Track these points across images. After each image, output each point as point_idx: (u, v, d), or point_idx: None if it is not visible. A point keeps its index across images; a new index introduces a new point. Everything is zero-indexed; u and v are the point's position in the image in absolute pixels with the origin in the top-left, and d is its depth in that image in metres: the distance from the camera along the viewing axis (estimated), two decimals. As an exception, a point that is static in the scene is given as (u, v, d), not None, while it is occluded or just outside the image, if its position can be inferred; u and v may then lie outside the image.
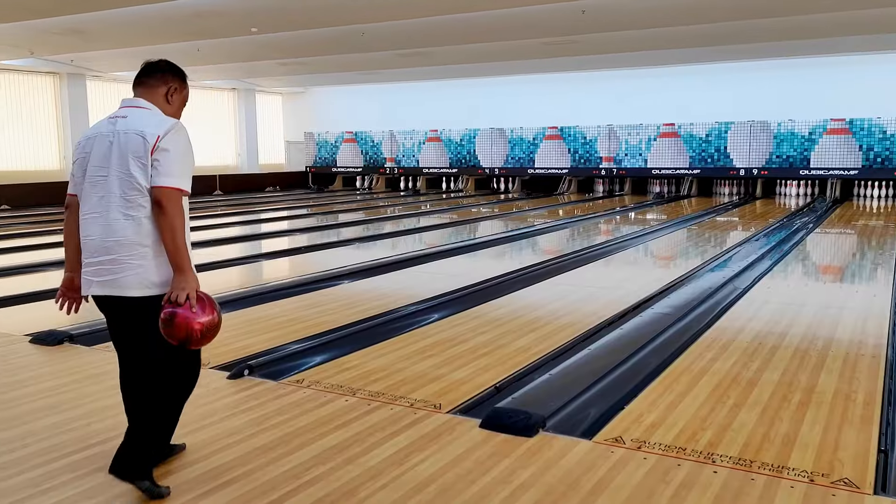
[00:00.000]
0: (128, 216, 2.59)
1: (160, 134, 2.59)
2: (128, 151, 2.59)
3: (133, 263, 2.59)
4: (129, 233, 2.59)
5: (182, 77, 2.83)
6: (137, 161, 2.58)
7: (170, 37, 13.00)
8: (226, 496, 2.61)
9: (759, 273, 7.21)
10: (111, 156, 2.62)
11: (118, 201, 2.59)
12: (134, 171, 2.58)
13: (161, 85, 2.77)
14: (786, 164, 16.74)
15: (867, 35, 12.91)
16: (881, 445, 3.08)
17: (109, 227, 2.60)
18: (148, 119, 2.65)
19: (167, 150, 2.58)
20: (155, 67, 2.77)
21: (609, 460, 2.90)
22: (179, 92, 2.81)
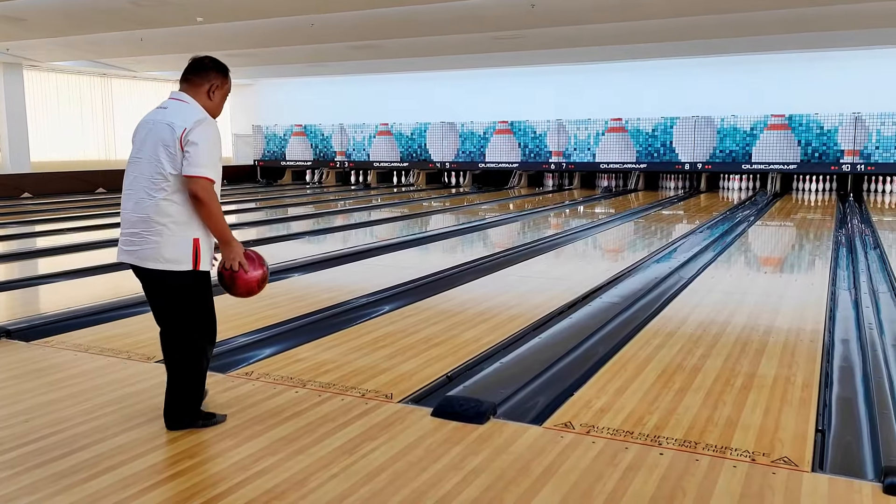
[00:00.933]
0: (151, 196, 2.92)
1: (187, 127, 2.87)
2: (158, 139, 2.91)
3: (151, 239, 2.93)
4: (149, 211, 2.92)
5: (224, 73, 3.10)
6: (165, 149, 2.89)
7: (111, 25, 12.63)
8: (173, 488, 2.56)
9: (703, 264, 7.38)
10: (146, 141, 2.95)
11: (146, 182, 2.93)
12: (161, 158, 2.90)
13: (204, 83, 3.03)
14: (729, 159, 17.16)
15: (806, 33, 13.31)
16: (818, 425, 3.19)
17: (137, 204, 2.95)
18: (182, 112, 2.94)
19: (196, 142, 2.87)
20: (200, 65, 3.04)
21: (559, 445, 2.94)
22: (220, 88, 3.08)
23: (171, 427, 3.05)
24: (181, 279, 2.98)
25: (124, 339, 4.47)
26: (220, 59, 3.19)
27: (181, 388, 3.05)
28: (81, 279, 6.78)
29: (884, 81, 15.88)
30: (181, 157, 2.88)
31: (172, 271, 2.95)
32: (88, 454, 2.83)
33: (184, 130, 2.87)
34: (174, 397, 3.05)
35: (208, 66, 3.04)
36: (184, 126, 2.88)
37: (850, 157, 16.10)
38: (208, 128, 2.92)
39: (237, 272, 3.04)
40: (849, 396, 3.69)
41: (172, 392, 3.06)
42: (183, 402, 3.05)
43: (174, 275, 2.96)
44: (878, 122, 15.84)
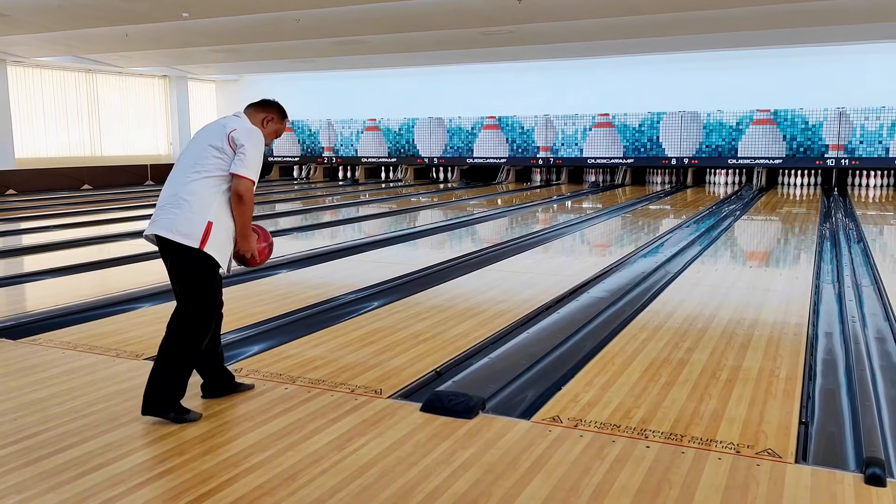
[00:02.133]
0: (185, 177, 3.17)
1: (237, 128, 3.22)
2: (206, 137, 3.24)
3: (171, 210, 3.14)
4: (179, 189, 3.17)
5: (283, 115, 3.50)
6: (212, 145, 3.19)
7: (96, 21, 12.54)
8: (162, 486, 2.57)
9: (690, 258, 7.44)
10: (194, 141, 3.30)
11: (184, 171, 3.21)
12: (204, 150, 3.19)
13: (262, 113, 3.42)
14: (715, 154, 17.27)
15: (791, 29, 13.40)
16: (802, 418, 3.23)
17: (171, 187, 3.22)
18: (235, 120, 3.32)
19: (246, 146, 3.17)
20: (265, 101, 3.48)
21: (547, 439, 2.97)
22: (274, 122, 3.45)
23: (145, 411, 3.11)
24: (187, 254, 3.14)
25: (112, 337, 4.47)
26: (205, 54, 3.37)
27: (167, 370, 3.13)
28: (68, 277, 6.75)
29: (868, 77, 16.03)
30: (227, 154, 3.17)
31: (180, 244, 3.12)
32: (77, 452, 2.84)
33: (233, 129, 3.21)
34: (157, 381, 3.12)
35: (272, 103, 3.49)
36: (234, 127, 3.23)
37: (835, 151, 16.24)
38: (257, 136, 3.27)
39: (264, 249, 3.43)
40: (832, 389, 3.74)
41: (156, 375, 3.13)
42: (164, 387, 3.11)
43: (181, 248, 3.13)
44: (863, 116, 15.98)
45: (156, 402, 3.11)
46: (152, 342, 4.15)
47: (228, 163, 3.17)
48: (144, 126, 20.99)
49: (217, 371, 3.44)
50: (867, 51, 15.73)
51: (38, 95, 18.25)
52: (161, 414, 3.11)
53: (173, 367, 3.14)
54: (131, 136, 20.64)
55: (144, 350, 4.16)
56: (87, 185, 18.16)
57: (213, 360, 3.40)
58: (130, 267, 7.09)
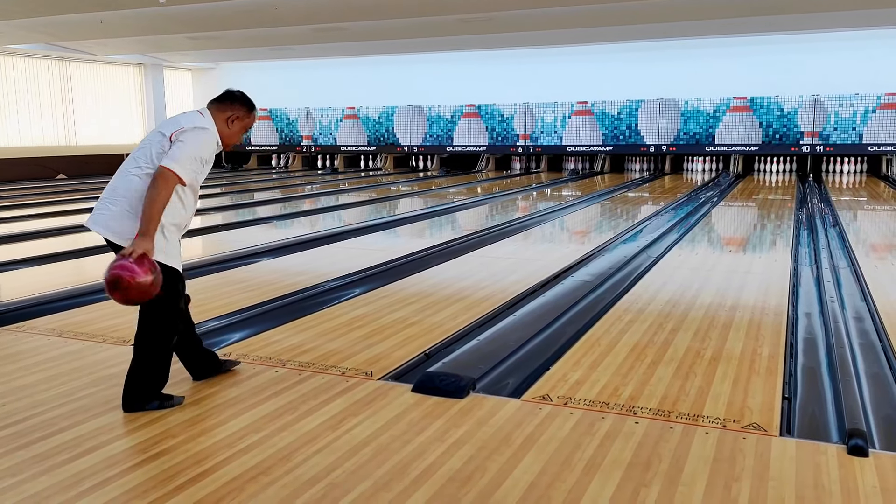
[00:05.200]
0: (127, 172, 3.05)
1: (185, 127, 3.04)
2: (159, 130, 3.09)
3: (108, 205, 3.04)
4: (118, 182, 3.06)
5: (249, 108, 3.27)
6: (160, 140, 3.04)
7: (69, 7, 12.34)
8: (158, 466, 2.57)
9: (670, 243, 7.53)
10: (150, 132, 3.16)
11: (129, 162, 3.08)
12: (151, 145, 3.05)
13: (227, 110, 3.21)
14: (692, 141, 17.43)
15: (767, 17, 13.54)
16: (785, 393, 3.31)
17: (114, 178, 3.10)
18: (191, 117, 3.14)
19: (183, 141, 3.00)
20: (229, 94, 3.25)
21: (538, 416, 3.01)
22: (241, 120, 3.24)
23: (126, 408, 3.05)
24: None
25: (98, 323, 4.44)
26: (182, 41, 3.30)
27: (143, 366, 3.08)
28: (45, 266, 6.67)
29: (841, 64, 16.24)
30: (167, 150, 3.01)
31: (116, 244, 3.03)
32: (70, 435, 2.83)
33: (181, 128, 3.04)
34: (133, 376, 3.08)
35: (236, 96, 3.26)
36: (184, 126, 3.05)
37: (810, 138, 16.47)
38: (201, 135, 3.07)
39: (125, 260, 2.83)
40: (813, 366, 3.83)
41: (133, 372, 3.09)
42: (140, 382, 3.06)
43: (118, 247, 3.02)
44: (837, 103, 16.21)
45: (136, 397, 3.06)
46: (139, 328, 4.13)
47: None
48: (119, 115, 20.71)
49: (198, 354, 3.42)
50: (841, 38, 15.94)
51: (10, 84, 17.92)
52: (142, 407, 3.05)
53: (149, 361, 3.08)
54: (106, 125, 20.36)
55: (131, 336, 4.11)
56: (61, 175, 17.91)
57: (190, 345, 3.37)
58: (105, 256, 6.98)
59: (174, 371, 3.54)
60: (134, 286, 2.80)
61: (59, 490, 2.41)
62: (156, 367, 3.10)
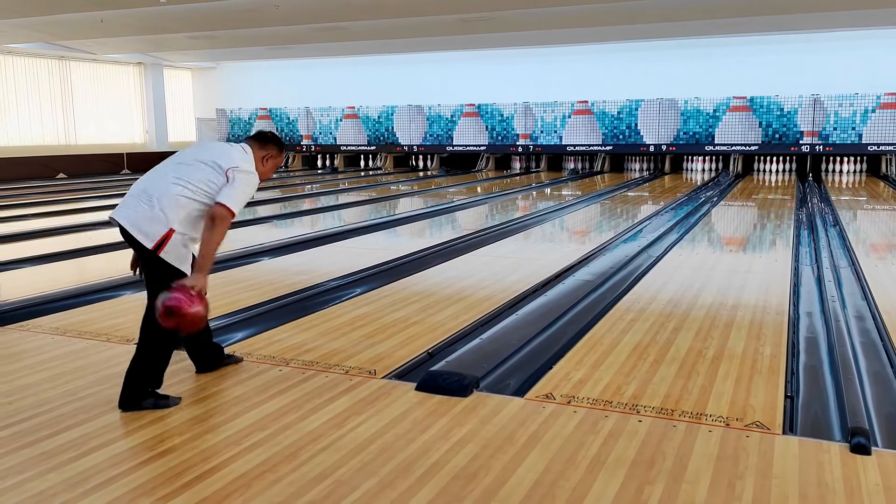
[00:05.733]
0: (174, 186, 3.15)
1: (240, 166, 3.27)
2: (215, 156, 3.26)
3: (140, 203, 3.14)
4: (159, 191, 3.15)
5: (281, 149, 3.57)
6: (215, 166, 3.22)
7: (70, 6, 12.34)
8: (165, 464, 2.59)
9: (670, 243, 7.54)
10: (207, 152, 3.31)
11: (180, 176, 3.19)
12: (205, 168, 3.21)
13: (263, 151, 3.46)
14: (692, 141, 17.44)
15: (767, 17, 13.56)
16: (787, 392, 3.33)
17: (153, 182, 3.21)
18: (243, 155, 3.36)
19: (239, 182, 3.22)
20: (265, 136, 3.53)
21: (541, 415, 3.03)
22: (274, 159, 3.51)
23: (123, 406, 3.08)
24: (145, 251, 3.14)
25: (102, 322, 4.45)
26: (182, 41, 3.37)
27: (140, 363, 3.13)
28: (44, 266, 6.67)
29: (841, 64, 16.26)
30: (220, 183, 3.19)
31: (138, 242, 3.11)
32: (76, 433, 2.84)
33: (236, 167, 3.24)
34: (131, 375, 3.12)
35: (272, 138, 3.54)
36: (238, 164, 3.26)
37: (810, 137, 16.49)
38: (253, 179, 3.34)
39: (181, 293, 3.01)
40: (815, 365, 3.84)
41: (130, 371, 3.13)
42: (137, 381, 3.10)
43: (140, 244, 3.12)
44: (836, 103, 16.23)
45: (131, 396, 3.09)
46: (142, 327, 4.14)
47: (216, 192, 3.18)
48: (119, 114, 20.71)
49: (204, 347, 3.51)
50: (841, 38, 15.97)
51: (10, 83, 17.92)
52: (137, 405, 3.07)
53: (148, 361, 3.13)
54: (106, 124, 20.36)
55: (135, 335, 4.13)
56: (61, 175, 17.90)
57: (198, 339, 3.45)
58: (106, 255, 7.02)
59: (178, 369, 3.56)
60: (189, 316, 2.99)
61: (65, 488, 2.43)
62: (153, 367, 3.14)
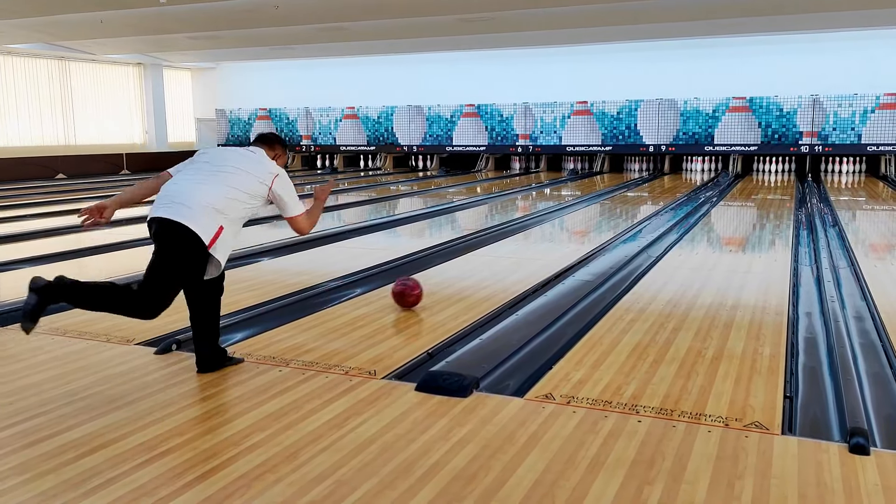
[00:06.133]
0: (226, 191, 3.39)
1: (276, 174, 3.58)
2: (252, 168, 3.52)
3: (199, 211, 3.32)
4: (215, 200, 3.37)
5: (286, 149, 3.87)
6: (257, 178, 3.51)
7: (70, 6, 12.35)
8: (165, 465, 2.59)
9: (670, 243, 7.55)
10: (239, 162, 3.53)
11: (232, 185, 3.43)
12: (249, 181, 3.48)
13: (273, 151, 3.74)
14: (692, 141, 17.45)
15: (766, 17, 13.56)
16: (786, 392, 3.33)
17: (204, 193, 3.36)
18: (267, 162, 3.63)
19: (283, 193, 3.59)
20: (272, 138, 3.80)
21: (541, 415, 3.03)
22: (280, 158, 3.77)
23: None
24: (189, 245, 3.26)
25: (101, 323, 4.44)
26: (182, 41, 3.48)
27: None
28: (44, 266, 6.66)
29: (841, 64, 16.27)
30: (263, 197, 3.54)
31: (192, 233, 3.25)
32: (77, 434, 2.84)
33: (274, 177, 3.55)
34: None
35: (276, 140, 3.80)
36: (274, 173, 3.56)
37: (809, 138, 16.50)
38: (287, 180, 3.65)
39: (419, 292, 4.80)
40: (814, 365, 3.85)
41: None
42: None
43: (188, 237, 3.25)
44: (836, 103, 16.24)
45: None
46: (142, 328, 4.15)
47: (259, 201, 3.53)
48: (119, 115, 20.71)
49: (211, 346, 3.58)
50: (840, 38, 15.97)
51: (9, 84, 17.93)
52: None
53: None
54: (105, 124, 20.36)
55: (135, 335, 4.16)
56: (60, 175, 17.90)
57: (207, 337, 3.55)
58: (106, 256, 7.03)
59: (179, 370, 3.57)
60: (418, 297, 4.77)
61: (66, 488, 2.43)
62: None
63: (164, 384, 3.40)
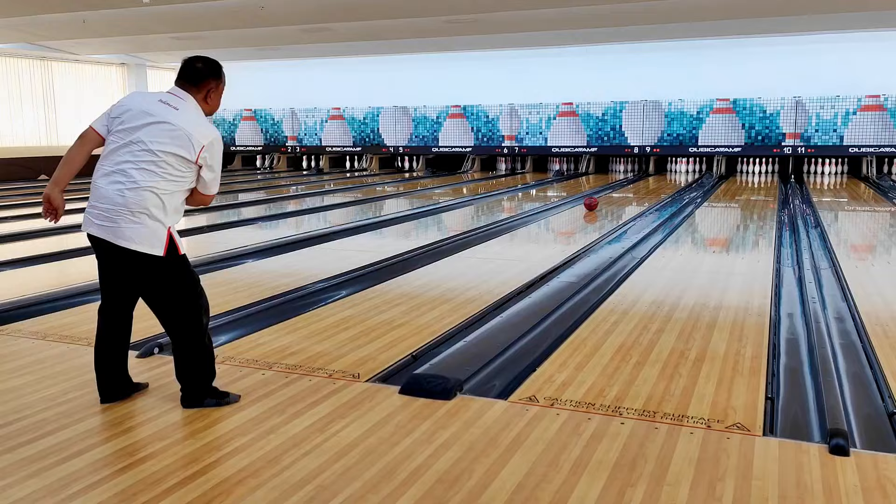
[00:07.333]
0: (140, 183, 3.01)
1: (204, 144, 3.06)
2: (170, 140, 3.02)
3: (128, 219, 3.01)
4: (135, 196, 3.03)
5: (218, 75, 3.22)
6: (179, 156, 3.03)
7: (52, 6, 12.24)
8: (146, 470, 2.57)
9: (654, 244, 7.59)
10: (152, 132, 3.02)
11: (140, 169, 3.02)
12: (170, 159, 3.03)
13: (201, 89, 3.17)
14: (676, 142, 17.55)
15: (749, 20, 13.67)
16: (768, 393, 3.36)
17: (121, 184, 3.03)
18: (193, 121, 3.07)
19: (212, 165, 3.13)
20: (195, 72, 3.16)
21: (524, 418, 3.04)
22: (216, 90, 3.22)
23: (186, 405, 3.14)
24: (155, 263, 3.05)
25: (82, 326, 4.41)
26: (166, 41, 3.27)
27: (190, 365, 3.13)
28: (28, 267, 6.61)
29: (823, 66, 16.43)
30: (192, 168, 3.08)
31: (147, 254, 3.03)
32: (57, 439, 2.82)
33: (202, 148, 3.06)
34: (185, 376, 3.15)
35: (203, 71, 3.17)
36: (201, 143, 3.06)
37: (792, 139, 16.65)
38: (218, 146, 3.15)
39: None
40: (795, 366, 3.88)
41: (183, 371, 3.15)
42: (193, 379, 3.14)
43: (149, 258, 3.03)
44: (818, 105, 16.40)
45: (192, 394, 3.13)
46: (124, 330, 4.11)
47: (192, 174, 3.10)
48: (101, 115, 20.53)
49: (120, 372, 3.23)
50: (822, 41, 16.12)
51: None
52: (200, 403, 3.13)
53: (191, 355, 3.12)
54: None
55: (116, 339, 4.11)
56: (43, 176, 17.74)
57: (118, 358, 3.21)
58: (88, 258, 6.93)
59: (160, 373, 3.54)
60: None
61: (46, 494, 2.41)
62: (203, 358, 3.14)
63: (149, 386, 3.37)
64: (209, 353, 3.19)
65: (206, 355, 3.16)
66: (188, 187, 3.14)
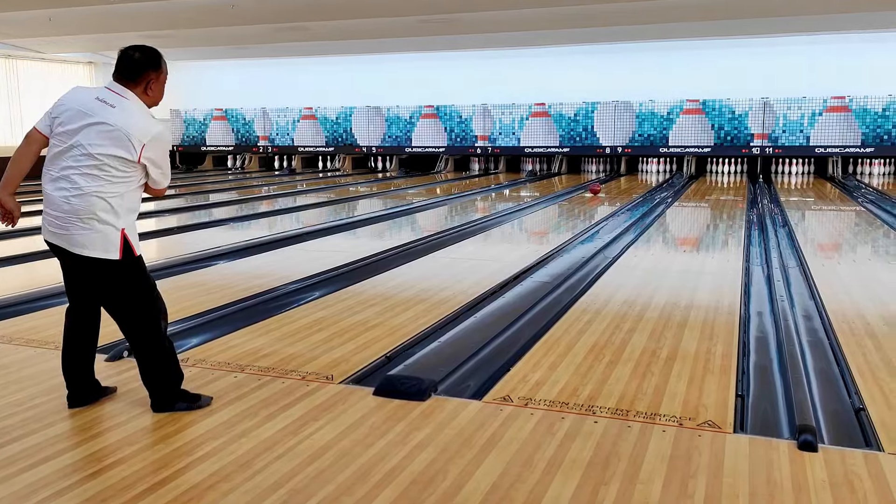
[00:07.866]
0: (84, 188, 2.93)
1: (145, 142, 2.94)
2: (109, 141, 2.91)
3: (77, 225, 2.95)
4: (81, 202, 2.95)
5: (157, 65, 3.06)
6: (119, 158, 2.93)
7: (17, 3, 12.00)
8: (115, 475, 2.53)
9: (626, 244, 7.65)
10: (90, 135, 2.92)
11: (82, 174, 2.93)
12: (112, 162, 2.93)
13: (140, 82, 3.03)
14: (647, 143, 17.72)
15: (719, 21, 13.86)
16: (738, 391, 3.40)
17: (66, 191, 2.96)
18: (133, 118, 2.95)
19: (158, 161, 3.01)
20: (132, 63, 3.01)
21: (499, 418, 3.04)
22: (157, 80, 3.07)
23: (156, 409, 3.08)
24: (111, 267, 3.01)
25: (49, 330, 4.33)
26: (134, 40, 3.21)
27: (154, 369, 3.09)
28: (-5, 270, 6.48)
29: (790, 68, 16.70)
30: (137, 167, 2.98)
31: (102, 259, 2.99)
32: (24, 445, 2.76)
33: (142, 146, 2.95)
34: (151, 381, 3.10)
35: (141, 62, 3.03)
36: (142, 141, 2.94)
37: (760, 140, 16.89)
38: (163, 140, 3.06)
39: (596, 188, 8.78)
40: (764, 364, 3.94)
41: (148, 376, 3.10)
42: (160, 383, 3.09)
43: (104, 263, 3.00)
44: (785, 106, 16.66)
45: (161, 399, 3.09)
46: (93, 334, 4.04)
47: (138, 172, 3.00)
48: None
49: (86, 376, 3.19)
50: (789, 43, 16.39)
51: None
52: (171, 407, 3.08)
53: (154, 361, 3.08)
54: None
55: (85, 342, 4.04)
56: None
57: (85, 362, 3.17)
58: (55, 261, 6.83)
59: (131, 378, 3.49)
60: None
61: (14, 500, 2.36)
62: (165, 363, 3.10)
63: (117, 390, 3.32)
64: (171, 356, 3.15)
65: (167, 358, 3.12)
66: (139, 185, 3.05)
